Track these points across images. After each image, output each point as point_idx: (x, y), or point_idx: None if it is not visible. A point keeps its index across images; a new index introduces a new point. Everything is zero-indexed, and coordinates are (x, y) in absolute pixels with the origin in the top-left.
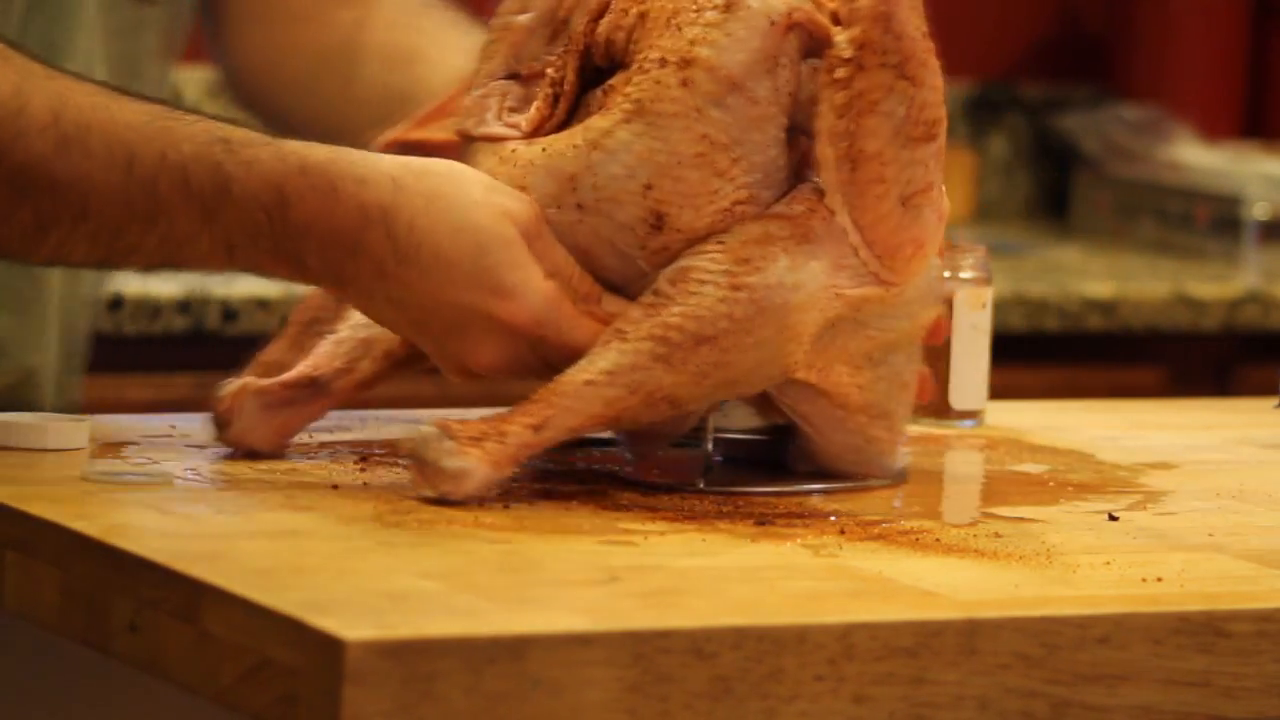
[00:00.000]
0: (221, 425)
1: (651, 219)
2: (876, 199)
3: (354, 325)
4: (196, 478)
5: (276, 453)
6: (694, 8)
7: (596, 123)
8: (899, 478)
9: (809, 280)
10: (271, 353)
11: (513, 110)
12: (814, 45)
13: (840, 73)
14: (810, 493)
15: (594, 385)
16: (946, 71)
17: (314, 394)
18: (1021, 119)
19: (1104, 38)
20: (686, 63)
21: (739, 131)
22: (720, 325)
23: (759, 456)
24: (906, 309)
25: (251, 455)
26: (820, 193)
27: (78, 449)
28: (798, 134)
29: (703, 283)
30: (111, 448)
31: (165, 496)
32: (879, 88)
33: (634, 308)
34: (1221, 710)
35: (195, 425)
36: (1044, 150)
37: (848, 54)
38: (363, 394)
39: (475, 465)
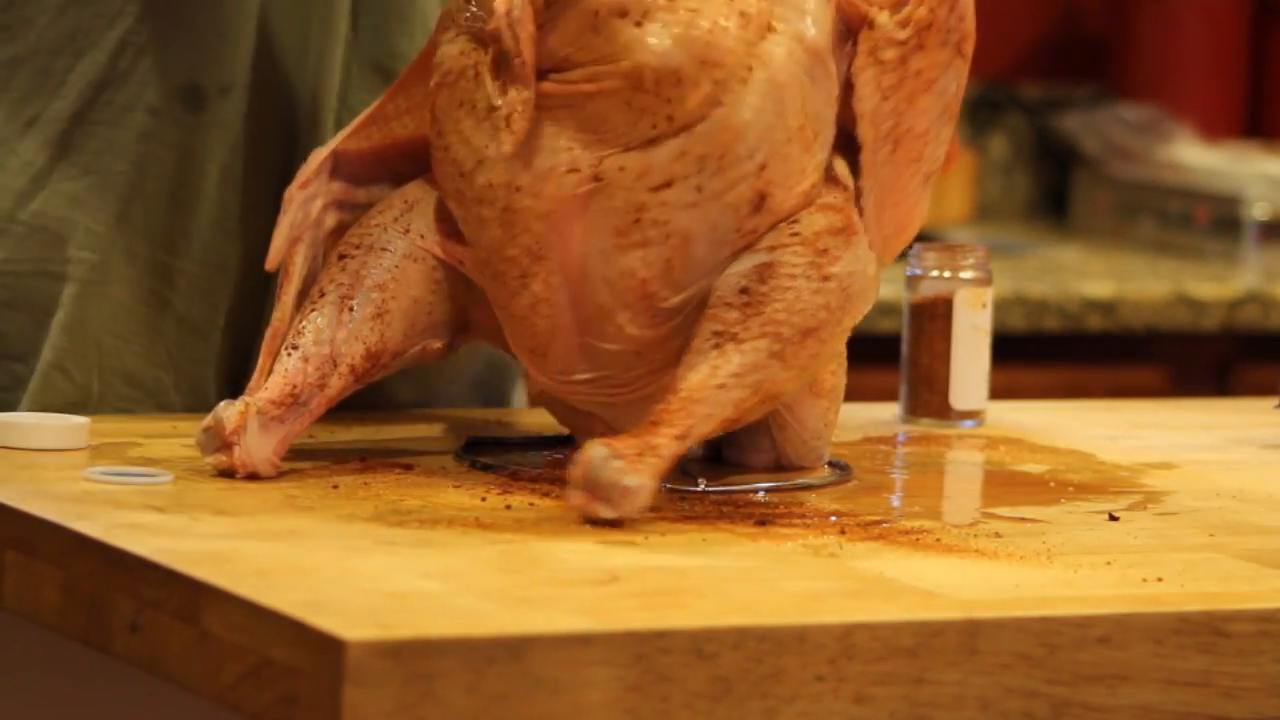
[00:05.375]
0: (224, 448)
1: (755, 199)
2: (909, 178)
3: (316, 341)
4: (196, 478)
5: (273, 474)
6: None
7: (727, 88)
8: (847, 472)
9: (871, 265)
10: (258, 385)
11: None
12: (847, 29)
13: (888, 54)
14: (788, 488)
15: (726, 389)
16: None
17: (298, 412)
18: (1021, 119)
19: (1104, 38)
20: (770, 29)
21: (821, 105)
22: (820, 316)
23: (710, 452)
24: (877, 291)
25: (252, 477)
26: (840, 182)
27: (78, 449)
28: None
29: (794, 277)
30: (111, 448)
31: (165, 496)
32: (937, 65)
33: (726, 310)
34: (1221, 710)
35: (196, 426)
36: (1044, 150)
37: (901, 36)
38: (331, 408)
39: (648, 480)
